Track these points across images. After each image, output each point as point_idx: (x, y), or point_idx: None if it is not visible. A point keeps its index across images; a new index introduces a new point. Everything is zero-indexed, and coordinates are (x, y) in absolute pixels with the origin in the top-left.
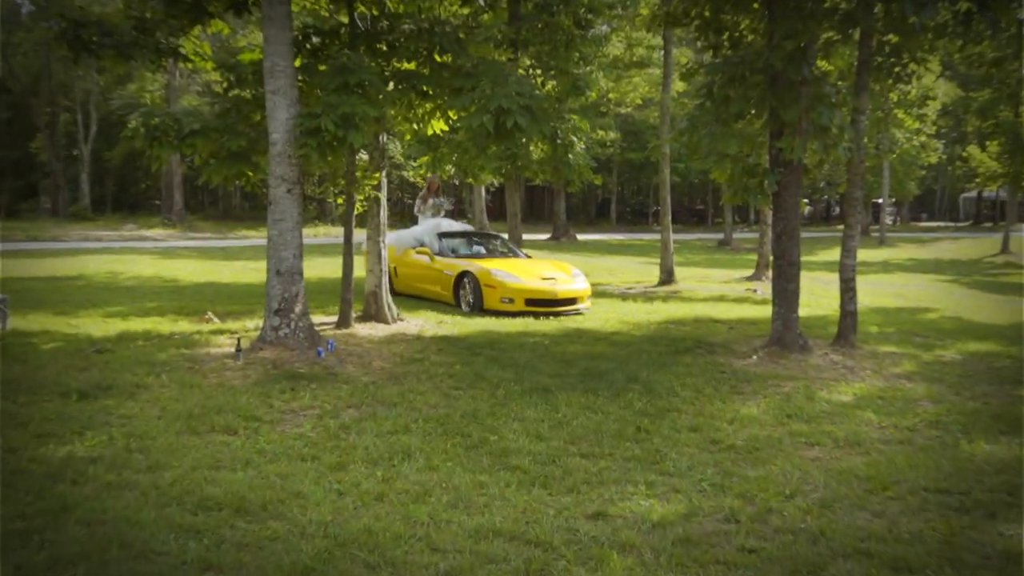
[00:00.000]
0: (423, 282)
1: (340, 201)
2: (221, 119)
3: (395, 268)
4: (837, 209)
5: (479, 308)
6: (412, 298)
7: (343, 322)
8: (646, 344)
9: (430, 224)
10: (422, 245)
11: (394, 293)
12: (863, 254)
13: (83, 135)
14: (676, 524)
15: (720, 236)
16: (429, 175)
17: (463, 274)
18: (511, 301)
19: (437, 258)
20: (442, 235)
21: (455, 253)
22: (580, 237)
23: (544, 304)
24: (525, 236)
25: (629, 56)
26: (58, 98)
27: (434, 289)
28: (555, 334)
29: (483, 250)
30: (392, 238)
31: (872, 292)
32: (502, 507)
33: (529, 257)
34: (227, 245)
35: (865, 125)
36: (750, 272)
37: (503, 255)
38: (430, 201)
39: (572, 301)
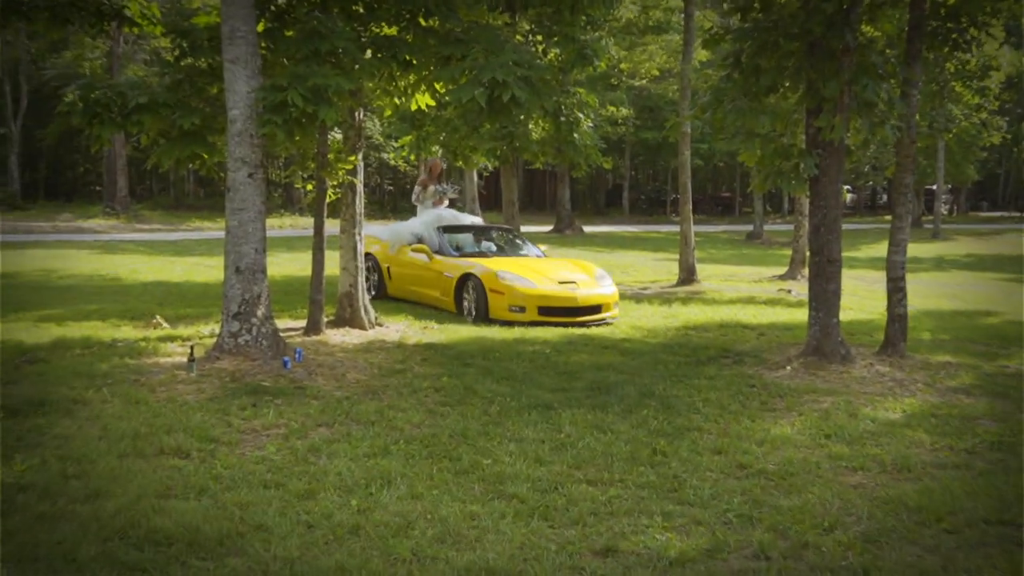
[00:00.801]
0: (420, 285)
1: (309, 188)
2: (172, 92)
3: (388, 268)
4: (884, 197)
5: (484, 317)
6: (409, 304)
7: (313, 328)
8: (663, 353)
9: (430, 216)
10: (420, 241)
11: (387, 298)
12: (914, 249)
13: (12, 110)
14: (697, 561)
15: (749, 228)
16: (428, 157)
17: (466, 276)
18: (522, 310)
19: (436, 257)
20: (444, 229)
21: (459, 251)
22: (587, 229)
23: (562, 313)
24: (523, 228)
25: (644, 20)
26: None
27: (432, 294)
28: (557, 342)
29: (493, 247)
30: (386, 233)
31: (924, 293)
32: (496, 542)
33: (547, 256)
34: (179, 238)
35: (917, 100)
36: (783, 270)
37: (515, 254)
38: (430, 188)
39: (596, 309)
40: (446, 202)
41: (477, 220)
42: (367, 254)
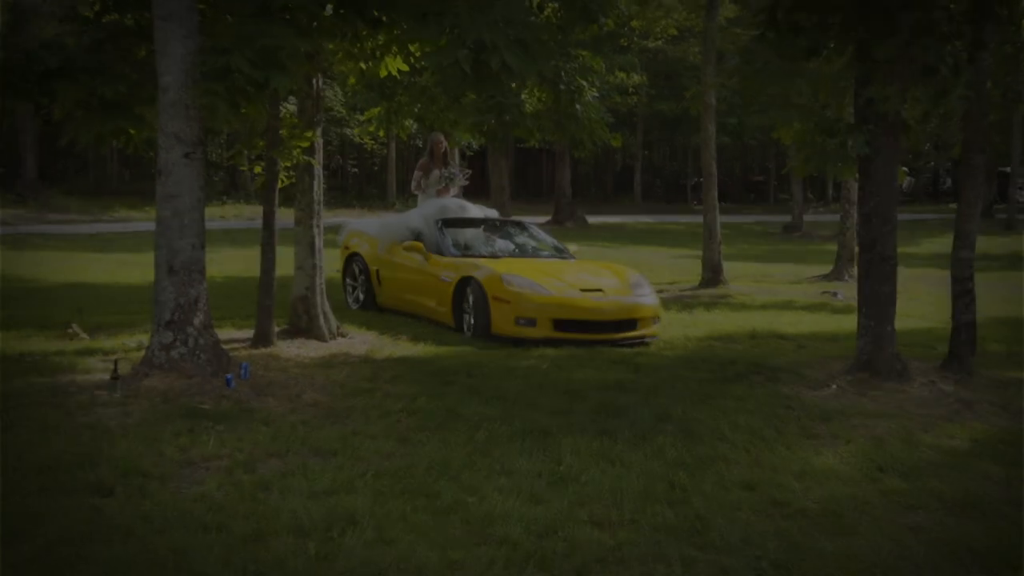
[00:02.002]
0: (414, 292)
1: (258, 170)
2: (92, 55)
3: (378, 272)
4: (949, 181)
5: (485, 332)
6: (404, 316)
7: (261, 339)
8: (682, 369)
9: (432, 207)
10: (419, 237)
11: (377, 308)
12: (985, 243)
13: None
14: None
15: (786, 219)
16: (432, 133)
17: (466, 281)
18: (532, 323)
19: (434, 257)
20: (446, 224)
21: (464, 250)
22: (591, 220)
23: (584, 328)
24: (516, 218)
25: None
26: None
27: (427, 303)
28: (557, 355)
29: (509, 246)
30: (376, 228)
31: (996, 296)
32: None
33: (573, 259)
34: (100, 230)
35: (989, 65)
36: (827, 269)
37: (533, 254)
38: (434, 173)
39: (629, 324)
40: (454, 190)
41: (491, 213)
42: (354, 254)
